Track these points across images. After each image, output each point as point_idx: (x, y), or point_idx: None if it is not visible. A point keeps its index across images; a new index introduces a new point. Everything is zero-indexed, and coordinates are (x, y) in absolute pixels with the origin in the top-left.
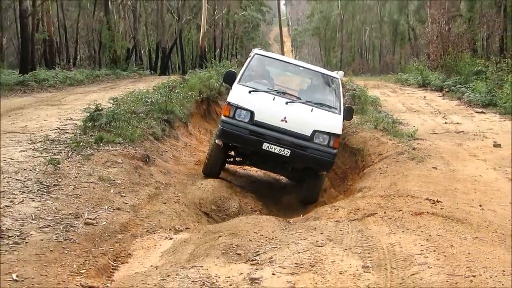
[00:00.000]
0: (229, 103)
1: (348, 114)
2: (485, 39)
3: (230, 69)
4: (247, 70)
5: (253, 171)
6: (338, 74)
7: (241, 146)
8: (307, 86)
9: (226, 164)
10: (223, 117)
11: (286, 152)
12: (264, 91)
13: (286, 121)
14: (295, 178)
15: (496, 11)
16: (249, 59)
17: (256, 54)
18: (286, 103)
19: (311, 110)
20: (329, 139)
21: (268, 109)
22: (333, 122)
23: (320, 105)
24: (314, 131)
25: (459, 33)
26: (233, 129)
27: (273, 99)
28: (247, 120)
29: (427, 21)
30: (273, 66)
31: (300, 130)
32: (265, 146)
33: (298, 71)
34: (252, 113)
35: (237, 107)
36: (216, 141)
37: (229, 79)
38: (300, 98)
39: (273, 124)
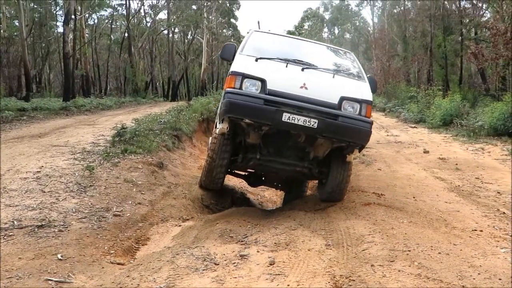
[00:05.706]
0: (233, 72)
1: (373, 85)
2: (416, 72)
3: (229, 42)
4: (247, 44)
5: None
6: None
7: (255, 121)
8: (319, 58)
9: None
10: (227, 89)
11: (313, 122)
12: (273, 59)
13: (306, 88)
14: (315, 172)
15: (424, 51)
16: (246, 37)
17: (255, 31)
18: (302, 69)
19: (333, 77)
20: (360, 107)
21: (283, 75)
22: (361, 89)
23: (340, 72)
24: (342, 98)
25: (396, 68)
26: (244, 100)
27: (286, 66)
28: (258, 90)
29: (372, 59)
30: (275, 42)
31: (325, 98)
32: (286, 117)
33: (306, 45)
34: (263, 81)
35: (244, 76)
36: (219, 126)
37: (228, 52)
38: (315, 66)
39: (291, 92)
